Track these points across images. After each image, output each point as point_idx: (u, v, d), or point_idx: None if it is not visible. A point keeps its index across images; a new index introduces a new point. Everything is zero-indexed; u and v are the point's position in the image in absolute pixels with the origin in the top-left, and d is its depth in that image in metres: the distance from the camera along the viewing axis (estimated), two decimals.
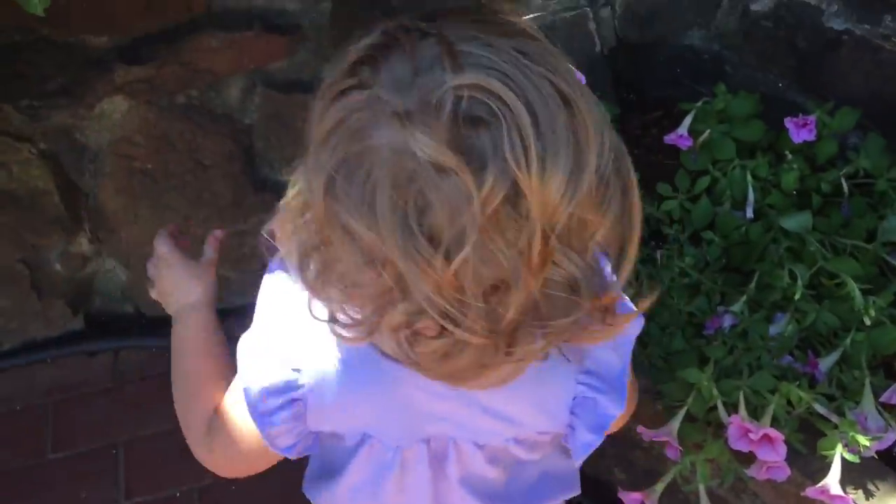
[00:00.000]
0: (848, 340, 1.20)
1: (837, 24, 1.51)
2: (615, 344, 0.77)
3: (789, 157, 1.40)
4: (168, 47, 1.46)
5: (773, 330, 1.27)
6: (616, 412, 0.77)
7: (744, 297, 1.30)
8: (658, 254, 1.49)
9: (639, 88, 1.86)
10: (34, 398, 1.77)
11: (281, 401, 0.76)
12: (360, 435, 0.80)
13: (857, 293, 1.21)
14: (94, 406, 1.76)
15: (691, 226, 1.50)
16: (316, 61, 1.60)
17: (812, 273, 1.29)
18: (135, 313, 1.88)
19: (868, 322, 1.20)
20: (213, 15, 1.49)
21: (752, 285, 1.31)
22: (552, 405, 0.77)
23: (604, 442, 0.80)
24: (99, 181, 1.62)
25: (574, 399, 0.76)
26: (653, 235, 1.59)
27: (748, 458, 1.16)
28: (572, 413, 0.77)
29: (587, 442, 0.79)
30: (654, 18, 1.69)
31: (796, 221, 1.32)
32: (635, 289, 0.71)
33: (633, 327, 0.78)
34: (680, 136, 1.41)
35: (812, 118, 1.38)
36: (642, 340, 1.39)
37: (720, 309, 1.34)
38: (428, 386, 0.69)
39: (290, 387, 0.76)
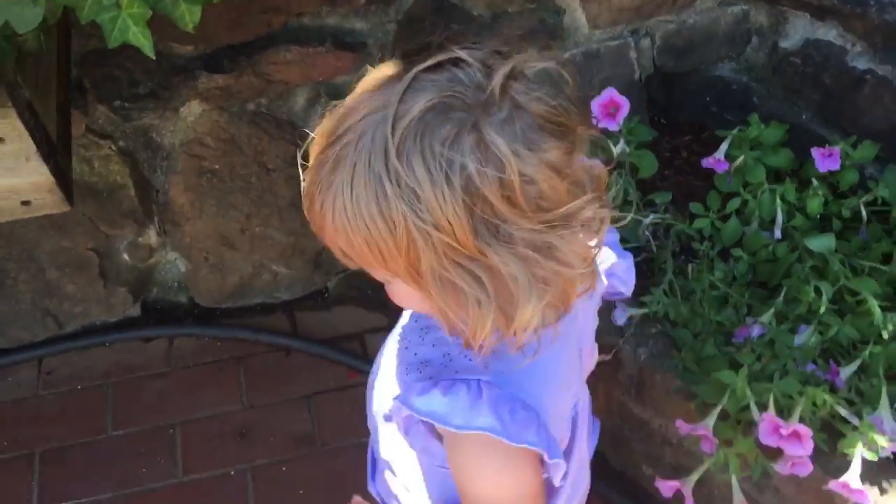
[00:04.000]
0: (867, 352, 1.33)
1: (861, 64, 1.65)
2: None
3: (815, 183, 1.54)
4: (248, 59, 1.58)
5: (798, 340, 1.40)
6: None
7: (772, 309, 1.43)
8: (689, 267, 1.62)
9: (670, 114, 2.00)
10: (94, 379, 1.89)
11: None
12: None
13: (877, 309, 1.34)
14: (151, 389, 1.88)
15: (721, 243, 1.63)
16: None
17: (835, 290, 1.42)
18: (187, 304, 1.99)
19: (886, 336, 1.33)
20: (289, 31, 1.61)
21: (780, 299, 1.44)
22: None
23: (633, 438, 0.91)
24: (170, 178, 1.74)
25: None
26: (683, 250, 1.72)
27: (775, 455, 1.28)
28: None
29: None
30: (690, 50, 1.83)
31: (821, 242, 1.45)
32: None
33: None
34: (717, 160, 1.54)
35: (836, 149, 1.52)
36: (676, 345, 1.52)
37: (749, 319, 1.47)
38: None
39: None
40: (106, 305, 1.88)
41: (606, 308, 1.53)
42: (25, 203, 1.14)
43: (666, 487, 1.31)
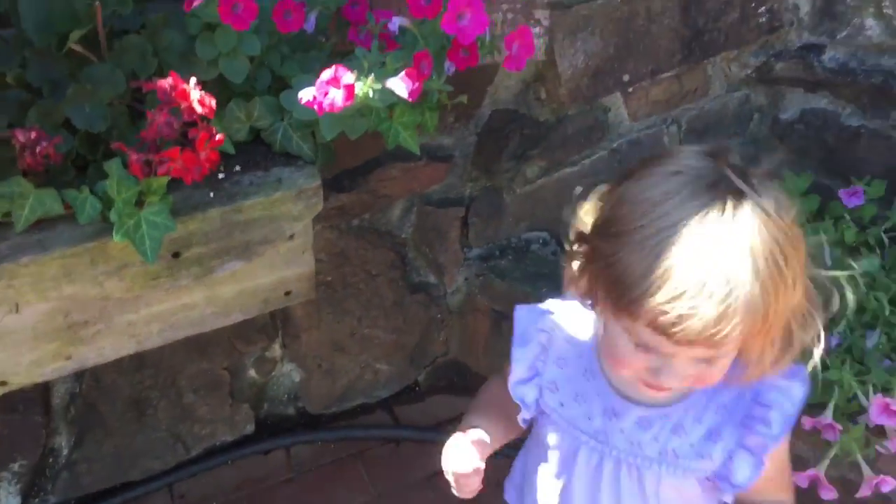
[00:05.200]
0: None
1: (854, 122, 2.03)
2: None
3: (847, 217, 1.87)
4: (363, 178, 1.84)
5: (870, 343, 1.69)
6: None
7: (843, 321, 1.72)
8: None
9: None
10: (227, 495, 2.00)
11: None
12: None
13: None
14: (284, 494, 2.01)
15: None
16: (460, 183, 2.00)
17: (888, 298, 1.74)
18: (295, 414, 2.15)
19: None
20: (388, 152, 1.88)
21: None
22: None
23: None
24: None
25: None
26: None
27: (881, 436, 1.55)
28: None
29: None
30: (707, 131, 2.19)
31: (870, 263, 1.77)
32: None
33: None
34: None
35: (860, 188, 1.86)
36: None
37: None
38: None
39: None
40: (230, 424, 2.03)
41: None
42: (287, 293, 1.33)
43: (801, 479, 1.54)
